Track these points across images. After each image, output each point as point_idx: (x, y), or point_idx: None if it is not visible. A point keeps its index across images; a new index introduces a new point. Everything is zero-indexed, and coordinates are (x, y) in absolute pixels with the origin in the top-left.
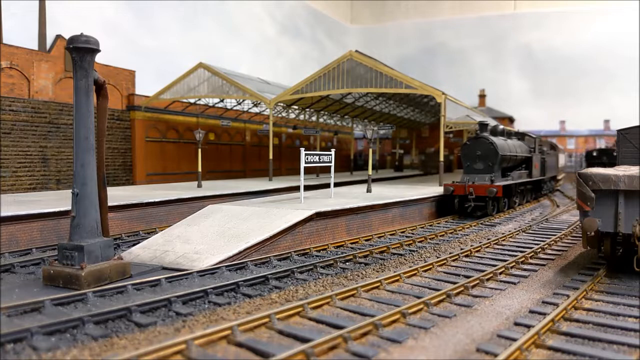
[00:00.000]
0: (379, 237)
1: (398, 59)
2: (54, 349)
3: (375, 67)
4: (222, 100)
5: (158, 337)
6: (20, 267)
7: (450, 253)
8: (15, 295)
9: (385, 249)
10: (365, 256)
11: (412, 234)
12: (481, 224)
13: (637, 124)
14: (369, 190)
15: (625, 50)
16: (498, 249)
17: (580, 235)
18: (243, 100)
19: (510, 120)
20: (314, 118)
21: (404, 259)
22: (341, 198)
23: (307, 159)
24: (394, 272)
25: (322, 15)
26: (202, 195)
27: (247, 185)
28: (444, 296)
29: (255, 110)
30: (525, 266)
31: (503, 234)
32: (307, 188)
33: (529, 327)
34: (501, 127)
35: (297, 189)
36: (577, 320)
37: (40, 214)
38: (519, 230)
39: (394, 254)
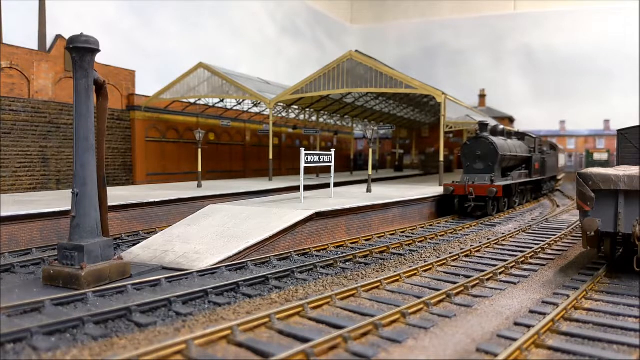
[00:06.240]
0: (379, 237)
1: (398, 59)
2: (54, 349)
3: (375, 67)
4: (222, 100)
5: (158, 337)
6: (20, 267)
7: (450, 253)
8: (15, 295)
9: (385, 249)
10: (365, 256)
11: (412, 234)
12: (481, 224)
13: (637, 124)
14: (369, 190)
15: (625, 50)
16: (498, 249)
17: (580, 235)
18: (243, 100)
19: (510, 120)
20: (314, 118)
21: (404, 259)
22: (341, 198)
23: (307, 159)
24: (394, 272)
25: (322, 15)
26: (202, 195)
27: (247, 185)
28: (444, 296)
29: (255, 110)
30: (525, 266)
31: (503, 234)
32: (307, 188)
33: (529, 327)
34: (501, 127)
35: (297, 189)
36: (577, 320)
37: (40, 214)
38: (519, 230)
39: (394, 254)
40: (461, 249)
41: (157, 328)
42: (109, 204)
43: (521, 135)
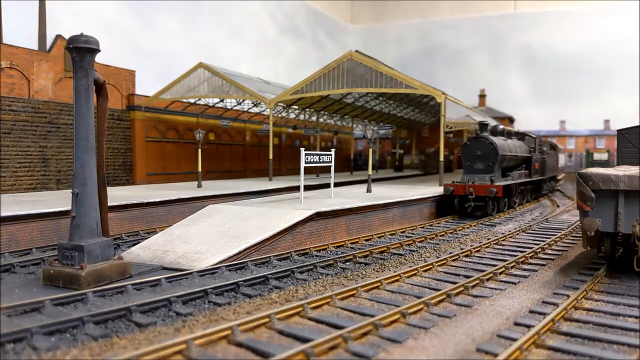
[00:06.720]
0: (379, 237)
1: (398, 59)
2: (54, 349)
3: (375, 67)
4: (222, 100)
5: (158, 337)
6: (20, 267)
7: (450, 253)
8: (15, 295)
9: (385, 249)
10: (365, 256)
11: (412, 234)
12: (481, 224)
13: (637, 124)
14: (369, 190)
15: (625, 50)
16: (498, 249)
17: (580, 235)
18: (243, 100)
19: (510, 120)
20: (314, 118)
21: (404, 259)
22: (341, 198)
23: (307, 159)
24: (394, 272)
25: (322, 15)
26: (202, 195)
27: (247, 185)
28: (444, 296)
29: (255, 110)
30: (525, 266)
31: (503, 234)
32: (307, 188)
33: (529, 327)
34: (501, 127)
35: (297, 189)
36: (577, 320)
37: (40, 214)
38: (519, 230)
39: (394, 254)
40: (461, 249)
41: (157, 328)
42: (109, 203)
43: (521, 135)
